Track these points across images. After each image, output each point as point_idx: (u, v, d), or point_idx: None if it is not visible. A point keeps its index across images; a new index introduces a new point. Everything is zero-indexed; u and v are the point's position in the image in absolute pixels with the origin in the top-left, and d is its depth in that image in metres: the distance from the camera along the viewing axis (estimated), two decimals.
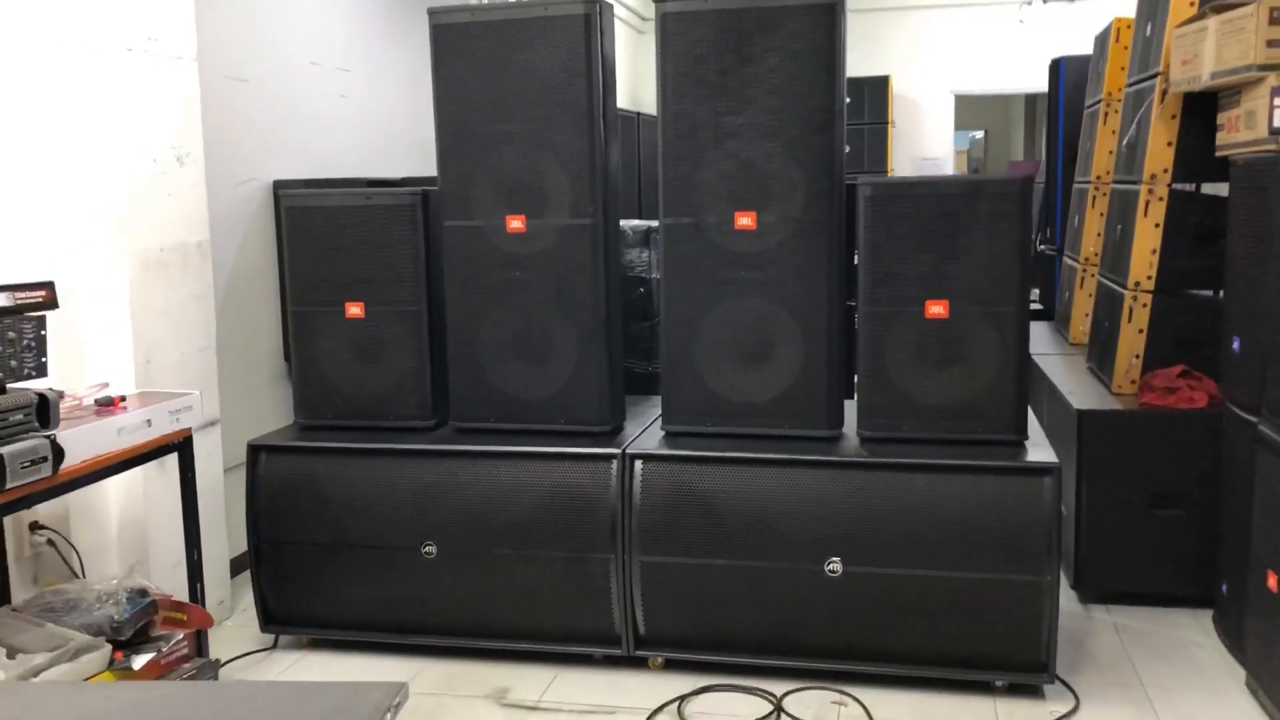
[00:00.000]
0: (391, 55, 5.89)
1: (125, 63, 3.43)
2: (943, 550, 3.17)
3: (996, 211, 3.21)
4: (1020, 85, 11.45)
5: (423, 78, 6.28)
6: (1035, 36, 10.68)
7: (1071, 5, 10.67)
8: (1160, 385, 3.91)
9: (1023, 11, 10.76)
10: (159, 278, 3.59)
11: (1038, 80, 10.98)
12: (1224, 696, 3.24)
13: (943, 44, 11.34)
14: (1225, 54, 3.40)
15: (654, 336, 4.44)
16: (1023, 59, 10.72)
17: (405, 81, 6.05)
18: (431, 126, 3.53)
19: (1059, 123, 6.43)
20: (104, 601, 2.93)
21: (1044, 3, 10.56)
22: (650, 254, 4.38)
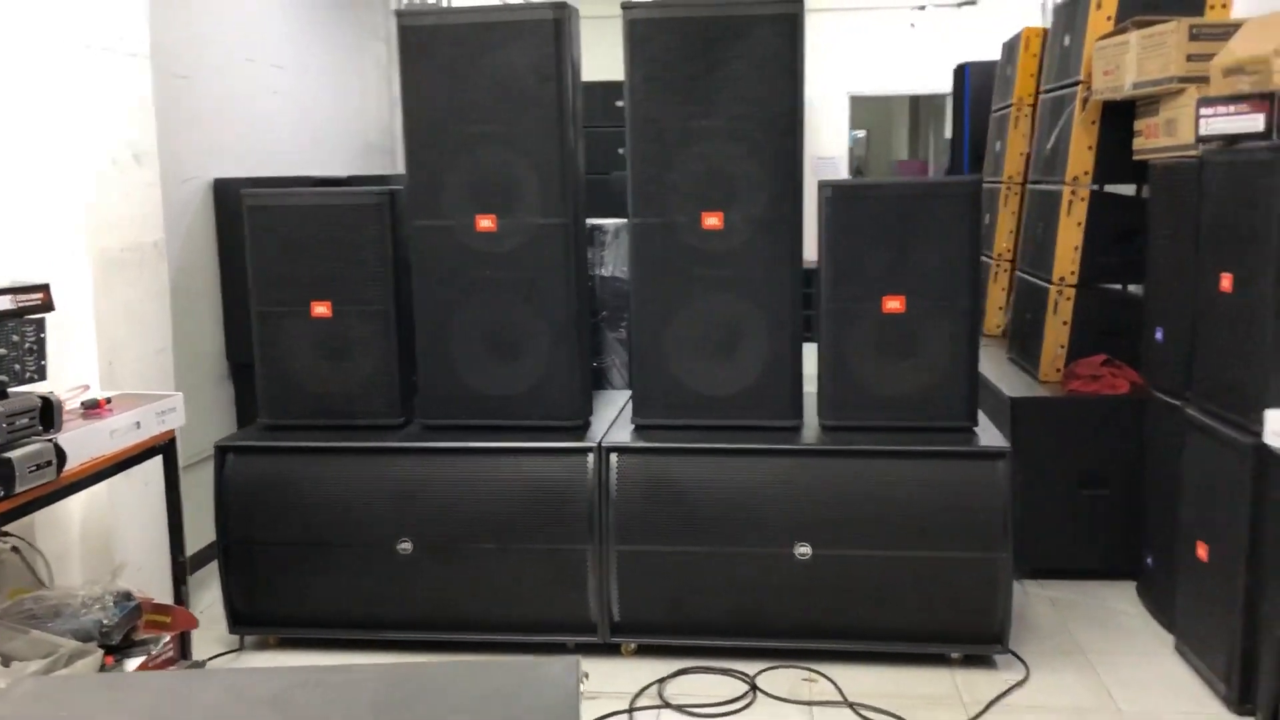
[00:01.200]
0: (323, 52, 5.85)
1: (84, 60, 3.37)
2: (904, 531, 3.36)
3: (950, 211, 3.41)
4: (912, 87, 11.87)
5: (353, 75, 6.26)
6: (926, 40, 11.11)
7: (959, 10, 11.13)
8: (1085, 373, 4.19)
9: (914, 16, 11.18)
10: (119, 278, 3.54)
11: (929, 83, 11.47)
12: (1156, 659, 3.51)
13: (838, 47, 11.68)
14: (1147, 66, 3.67)
15: (600, 332, 4.57)
16: (914, 62, 11.14)
17: (336, 78, 6.01)
18: (364, 123, 3.57)
19: (965, 125, 6.75)
20: (90, 606, 2.90)
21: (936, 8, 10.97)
22: (599, 252, 4.49)
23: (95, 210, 3.43)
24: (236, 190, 4.57)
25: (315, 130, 5.70)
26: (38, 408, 2.47)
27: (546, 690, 1.14)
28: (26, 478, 2.41)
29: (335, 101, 5.99)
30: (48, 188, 3.34)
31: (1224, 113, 3.12)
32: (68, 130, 3.35)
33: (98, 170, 3.44)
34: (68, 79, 3.33)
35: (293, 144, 5.42)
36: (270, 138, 5.18)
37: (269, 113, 5.19)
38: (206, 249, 4.62)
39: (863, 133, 18.81)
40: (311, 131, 5.66)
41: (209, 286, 4.63)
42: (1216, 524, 3.22)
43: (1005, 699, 3.27)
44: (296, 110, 5.48)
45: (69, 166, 3.36)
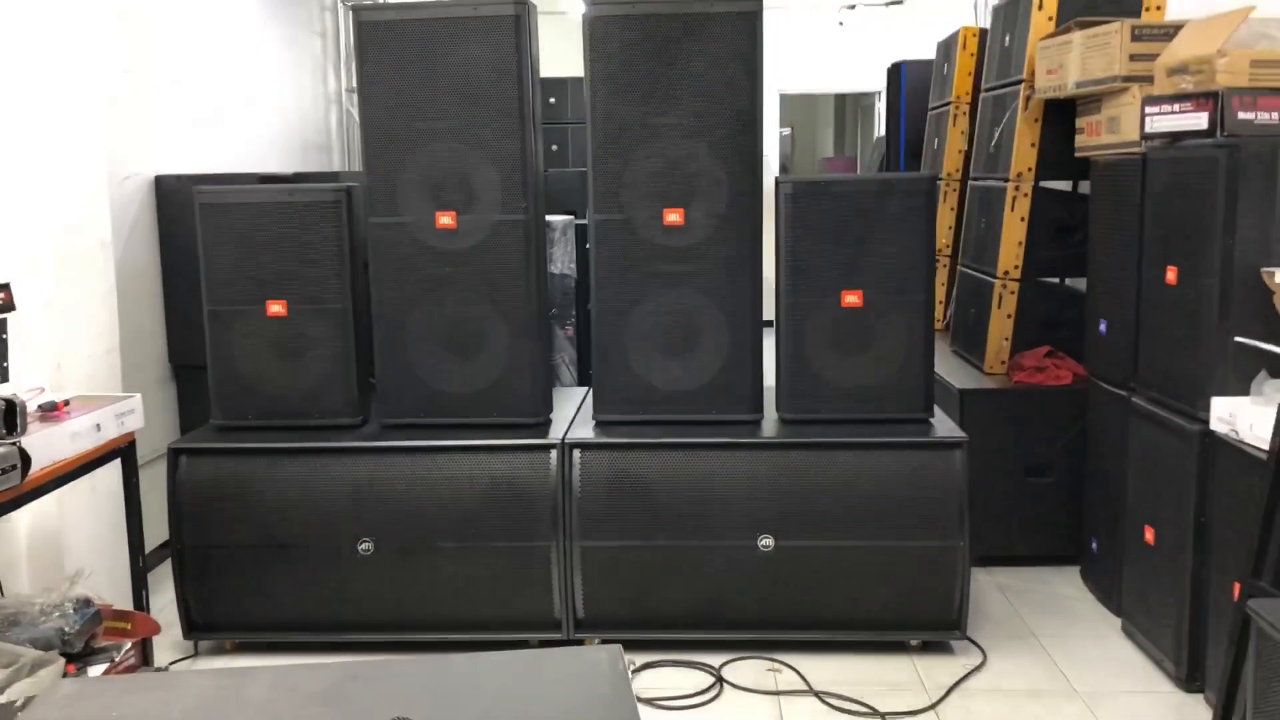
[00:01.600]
0: (261, 47, 5.75)
1: (33, 54, 3.28)
2: (864, 521, 3.42)
3: (906, 208, 3.48)
4: (840, 85, 12.03)
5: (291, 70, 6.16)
6: (854, 39, 11.28)
7: (887, 10, 11.31)
8: (1029, 365, 4.30)
9: (842, 14, 11.33)
10: (66, 276, 3.45)
11: (857, 81, 11.66)
12: (1105, 641, 3.63)
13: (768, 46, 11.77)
14: (1090, 65, 3.78)
15: (549, 329, 4.57)
16: (843, 60, 11.30)
17: (274, 74, 5.91)
18: (302, 119, 3.53)
19: (900, 123, 6.87)
20: (49, 614, 2.83)
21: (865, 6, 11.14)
22: (548, 249, 4.48)
23: (42, 208, 3.34)
24: (178, 187, 4.51)
25: (254, 126, 5.60)
26: (1, 410, 2.40)
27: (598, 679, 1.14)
28: None
29: (273, 97, 5.89)
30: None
31: (1168, 111, 3.22)
32: (13, 125, 3.25)
33: (45, 167, 3.34)
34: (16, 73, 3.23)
35: (232, 140, 5.32)
36: (213, 135, 5.08)
37: (210, 109, 5.09)
38: (148, 248, 4.51)
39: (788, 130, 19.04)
40: (250, 128, 5.56)
41: (151, 286, 4.53)
42: (1163, 508, 3.34)
43: (965, 683, 3.35)
44: (239, 107, 5.38)
45: (15, 163, 3.26)
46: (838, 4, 11.18)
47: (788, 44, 11.77)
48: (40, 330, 3.30)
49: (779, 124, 12.24)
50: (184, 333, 4.64)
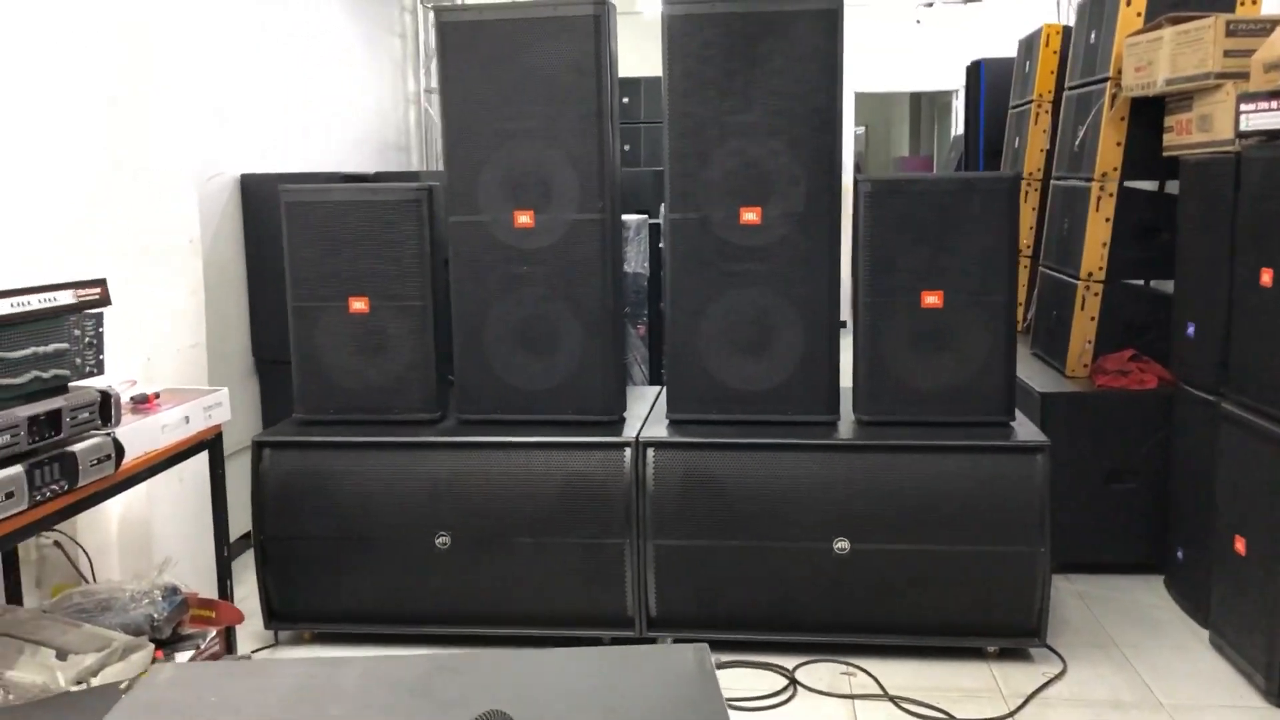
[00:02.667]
0: (341, 48, 5.85)
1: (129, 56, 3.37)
2: (943, 526, 3.38)
3: (988, 207, 3.43)
4: (917, 84, 11.88)
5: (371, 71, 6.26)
6: (932, 37, 11.13)
7: (965, 7, 11.15)
8: (1113, 368, 4.21)
9: (919, 12, 11.19)
10: (157, 274, 3.54)
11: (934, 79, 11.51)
12: (1191, 653, 3.53)
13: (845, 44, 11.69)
14: (1181, 62, 3.69)
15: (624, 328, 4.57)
16: (920, 59, 11.16)
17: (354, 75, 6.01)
18: (381, 120, 3.56)
19: (979, 122, 6.77)
20: (139, 601, 2.91)
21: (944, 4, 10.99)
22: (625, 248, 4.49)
23: (135, 207, 3.43)
24: (263, 186, 4.59)
25: (334, 126, 5.70)
26: (97, 402, 2.47)
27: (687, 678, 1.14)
28: (88, 472, 2.41)
29: (353, 98, 5.99)
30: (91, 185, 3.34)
31: (1265, 108, 3.13)
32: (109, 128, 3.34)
33: (138, 168, 3.44)
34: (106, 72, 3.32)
35: (313, 140, 5.42)
36: (295, 135, 5.18)
37: (293, 109, 5.19)
38: (233, 245, 4.61)
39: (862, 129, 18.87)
40: (331, 128, 5.66)
41: (236, 282, 4.63)
42: (1255, 517, 3.24)
43: (1045, 692, 3.29)
44: (319, 108, 5.48)
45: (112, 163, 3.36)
46: (915, 2, 11.05)
47: (864, 42, 11.65)
48: (132, 324, 3.39)
49: (853, 122, 12.14)
50: (267, 328, 4.73)
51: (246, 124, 4.71)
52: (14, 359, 2.29)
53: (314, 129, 5.42)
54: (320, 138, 5.50)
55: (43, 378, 2.37)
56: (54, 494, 2.32)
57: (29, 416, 2.27)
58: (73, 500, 2.42)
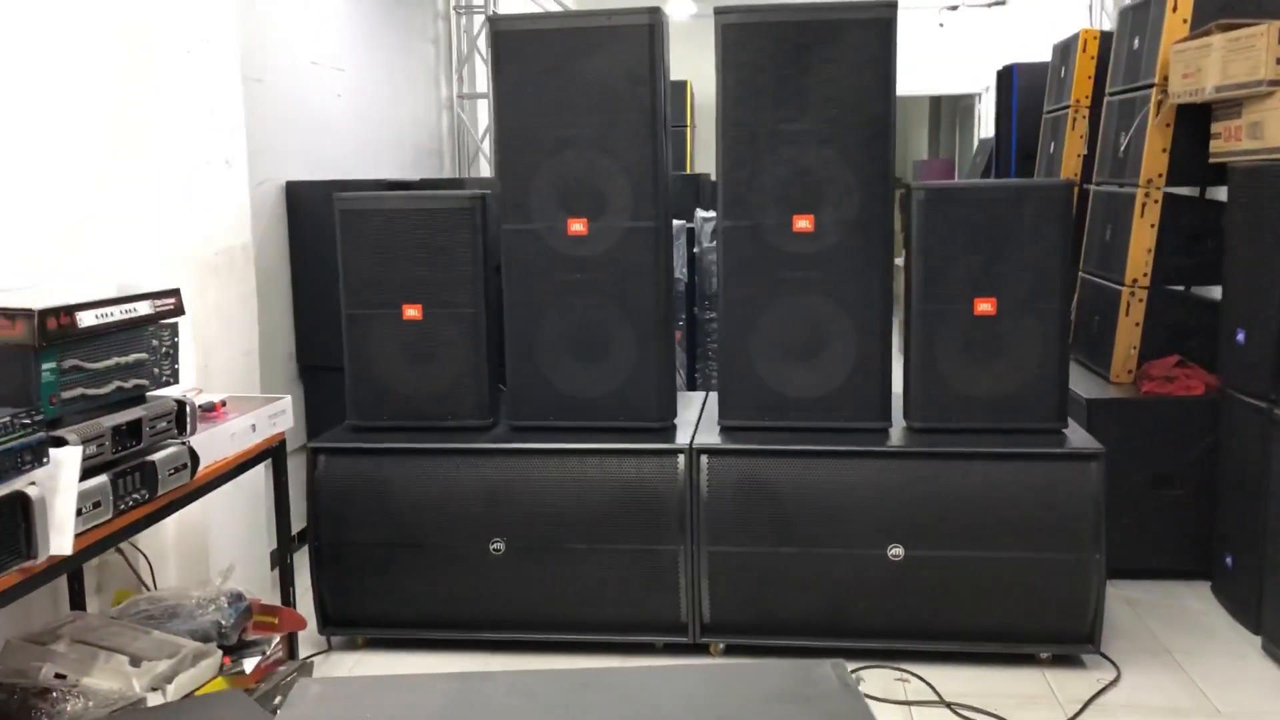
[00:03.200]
0: (378, 55, 5.88)
1: (185, 65, 3.41)
2: (997, 532, 3.38)
3: (1041, 214, 3.44)
4: (940, 87, 11.88)
5: (404, 78, 6.29)
6: (955, 40, 11.12)
7: (989, 11, 11.15)
8: (1159, 375, 4.21)
9: (943, 16, 11.19)
10: (212, 281, 3.57)
11: (957, 83, 11.51)
12: (1244, 659, 3.54)
13: None
14: (1232, 69, 3.69)
15: None
16: (943, 62, 11.15)
17: (390, 81, 6.04)
18: (415, 126, 3.57)
19: (1012, 126, 6.77)
20: (205, 607, 2.93)
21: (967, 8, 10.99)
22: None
23: (191, 213, 3.47)
24: (309, 193, 4.63)
25: (372, 133, 5.73)
26: (174, 411, 2.50)
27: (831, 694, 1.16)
28: (166, 481, 2.44)
29: (389, 104, 6.02)
30: (149, 191, 3.37)
31: None
32: (168, 134, 3.38)
33: (194, 174, 3.47)
34: (169, 83, 3.36)
35: (353, 147, 5.45)
36: (334, 141, 5.22)
37: (332, 116, 5.22)
38: (279, 251, 4.65)
39: None
40: (368, 134, 5.69)
41: (281, 289, 4.66)
42: None
43: (1101, 698, 3.30)
44: (356, 113, 5.51)
45: (167, 170, 3.39)
46: (938, 5, 11.05)
47: None
48: (188, 332, 3.41)
49: None
50: (311, 334, 4.77)
51: (289, 130, 4.74)
52: (98, 369, 2.32)
53: (352, 135, 5.45)
54: (358, 144, 5.52)
55: (124, 387, 2.40)
56: (135, 503, 2.35)
57: (113, 426, 2.30)
58: (152, 509, 2.44)
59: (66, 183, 3.25)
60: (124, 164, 3.36)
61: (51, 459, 2.05)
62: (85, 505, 2.15)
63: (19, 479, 1.98)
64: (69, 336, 2.21)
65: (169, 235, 3.40)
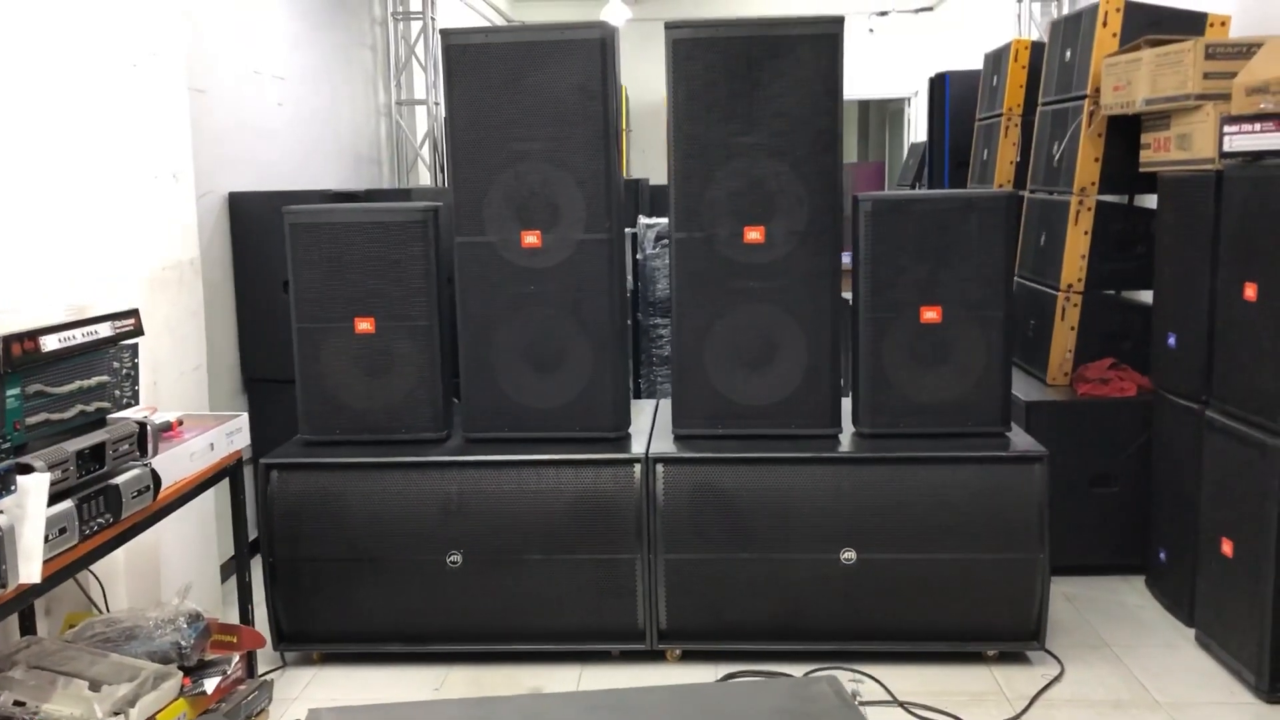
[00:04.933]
0: (317, 62, 5.82)
1: (130, 78, 3.36)
2: (946, 535, 3.48)
3: (986, 224, 3.54)
4: (870, 92, 12.07)
5: (344, 85, 6.23)
6: (885, 46, 11.32)
7: (917, 17, 11.37)
8: (1093, 377, 4.35)
9: (873, 21, 11.38)
10: (161, 296, 3.53)
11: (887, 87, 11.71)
12: (1180, 651, 3.68)
13: None
14: (1161, 83, 3.83)
15: None
16: (873, 67, 11.34)
17: (329, 89, 5.99)
18: (355, 134, 3.57)
19: (945, 132, 6.92)
20: (164, 628, 2.90)
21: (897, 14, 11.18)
22: None
23: (139, 228, 3.42)
24: (252, 204, 4.59)
25: (313, 141, 5.68)
26: (135, 434, 2.47)
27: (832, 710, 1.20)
28: (130, 504, 2.41)
29: (329, 111, 5.97)
30: (95, 206, 3.32)
31: (1249, 130, 3.28)
32: (114, 148, 3.34)
33: (141, 189, 3.42)
34: (114, 96, 3.31)
35: (295, 156, 5.40)
36: (275, 150, 5.16)
37: (274, 124, 5.17)
38: (222, 263, 4.59)
39: None
40: (309, 142, 5.64)
41: (225, 301, 4.60)
42: (1241, 520, 3.39)
43: (1046, 694, 3.41)
44: (297, 121, 5.46)
45: (114, 184, 3.35)
46: (868, 11, 11.24)
47: None
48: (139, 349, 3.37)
49: None
50: (255, 347, 4.72)
51: (231, 140, 4.68)
52: (61, 394, 2.29)
53: (294, 144, 5.40)
54: (300, 153, 5.47)
55: (86, 411, 2.37)
56: (100, 527, 2.32)
57: (76, 451, 2.27)
58: (116, 533, 2.42)
59: (12, 199, 3.19)
60: (71, 180, 3.31)
61: (19, 486, 2.03)
62: (51, 532, 2.13)
63: None
64: (33, 361, 2.18)
65: (118, 251, 3.36)
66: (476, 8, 9.12)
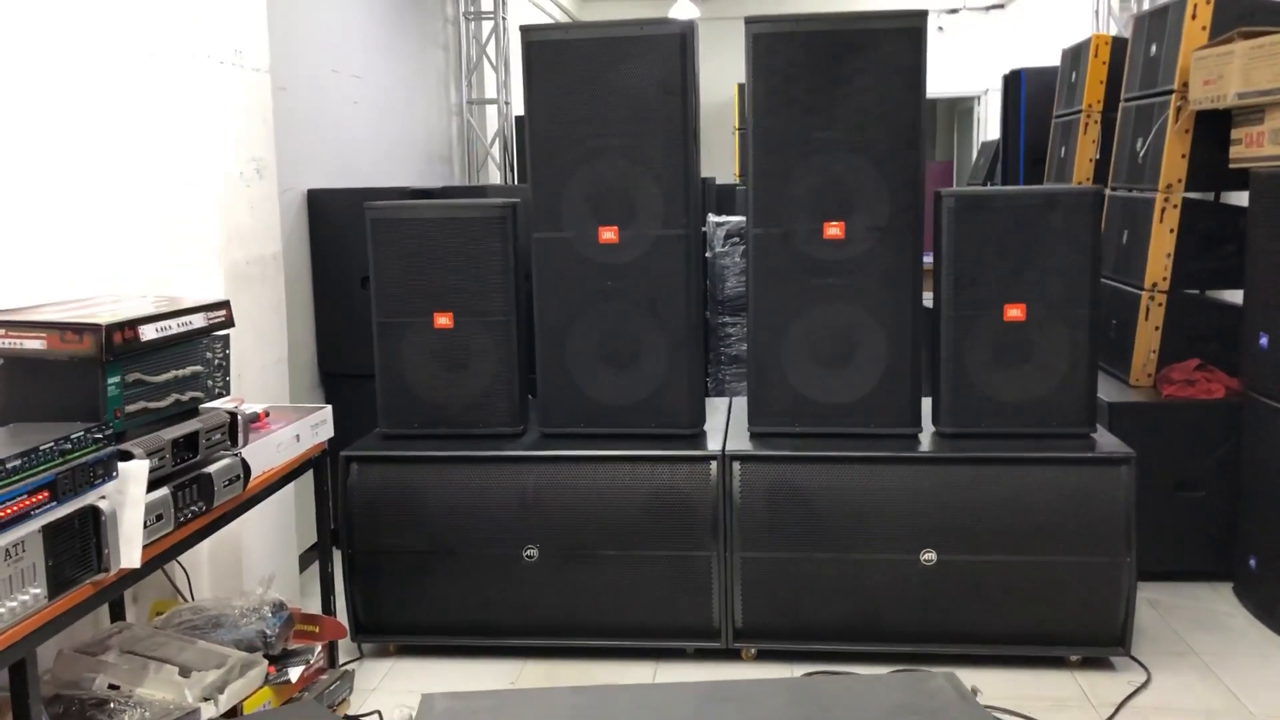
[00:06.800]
0: (393, 62, 5.89)
1: (216, 75, 3.41)
2: (1029, 537, 3.41)
3: (1070, 221, 3.47)
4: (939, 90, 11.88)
5: (418, 85, 6.30)
6: (955, 43, 11.18)
7: (987, 15, 11.22)
8: (1179, 378, 4.25)
9: (942, 19, 11.25)
10: (245, 290, 3.58)
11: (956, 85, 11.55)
12: (1272, 661, 3.57)
13: None
14: (1255, 76, 3.73)
15: None
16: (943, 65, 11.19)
17: (404, 88, 6.05)
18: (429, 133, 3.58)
19: (1020, 130, 6.81)
20: (249, 617, 2.94)
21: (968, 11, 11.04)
22: None
23: (224, 223, 3.47)
24: (330, 200, 4.64)
25: (387, 140, 5.74)
26: (227, 424, 2.51)
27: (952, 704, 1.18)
28: (222, 492, 2.45)
29: (403, 111, 6.03)
30: (183, 200, 3.38)
31: None
32: (201, 144, 3.39)
33: (227, 184, 3.48)
34: (201, 94, 3.37)
35: (370, 154, 5.46)
36: (352, 148, 5.22)
37: (350, 123, 5.23)
38: (301, 259, 4.65)
39: None
40: (384, 141, 5.70)
41: (304, 297, 4.67)
42: None
43: (1133, 701, 3.33)
44: (372, 120, 5.52)
45: (201, 180, 3.40)
46: (938, 9, 11.10)
47: None
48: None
49: None
50: (333, 342, 4.78)
51: (310, 138, 4.75)
52: (158, 383, 2.33)
53: (369, 142, 5.46)
54: (375, 151, 5.54)
55: (181, 400, 2.41)
56: (194, 515, 2.36)
57: (172, 439, 2.31)
58: (209, 520, 2.45)
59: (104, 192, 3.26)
60: (158, 174, 3.37)
61: (120, 473, 2.06)
62: (149, 518, 2.16)
63: (90, 493, 1.99)
64: (132, 350, 2.22)
65: (204, 245, 3.41)
66: (545, 8, 9.17)
